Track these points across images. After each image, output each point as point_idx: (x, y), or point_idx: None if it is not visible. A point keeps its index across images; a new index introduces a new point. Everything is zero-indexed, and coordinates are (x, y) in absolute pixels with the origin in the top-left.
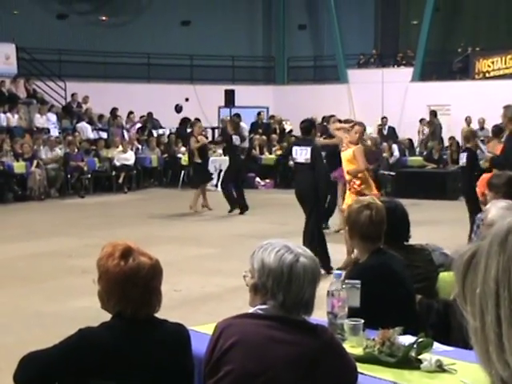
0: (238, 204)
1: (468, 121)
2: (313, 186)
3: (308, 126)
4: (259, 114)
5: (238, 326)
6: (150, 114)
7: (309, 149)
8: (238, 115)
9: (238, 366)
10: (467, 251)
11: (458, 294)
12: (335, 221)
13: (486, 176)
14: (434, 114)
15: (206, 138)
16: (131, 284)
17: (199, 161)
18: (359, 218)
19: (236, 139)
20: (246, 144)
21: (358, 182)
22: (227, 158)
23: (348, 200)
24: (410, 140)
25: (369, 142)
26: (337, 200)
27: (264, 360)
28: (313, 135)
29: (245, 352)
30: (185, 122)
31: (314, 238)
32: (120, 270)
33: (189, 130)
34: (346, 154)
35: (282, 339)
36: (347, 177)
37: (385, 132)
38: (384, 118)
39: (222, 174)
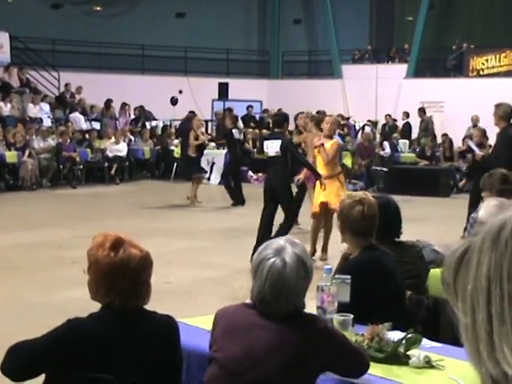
0: (235, 197)
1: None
2: (285, 180)
3: (279, 119)
4: (249, 107)
5: (230, 314)
6: (142, 107)
7: (279, 142)
8: (230, 109)
9: (225, 351)
10: (459, 247)
11: (450, 291)
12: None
13: None
14: (422, 110)
15: (207, 133)
16: (121, 275)
17: (193, 155)
18: (351, 213)
19: (236, 133)
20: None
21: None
22: (222, 151)
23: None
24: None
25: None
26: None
27: (248, 344)
28: (284, 129)
29: (231, 338)
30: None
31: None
32: (110, 260)
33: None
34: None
35: (265, 326)
36: (324, 172)
37: (387, 129)
38: (388, 116)
39: (223, 167)
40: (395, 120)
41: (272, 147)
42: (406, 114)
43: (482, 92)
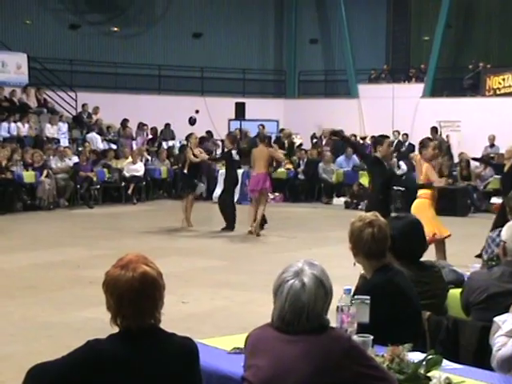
0: (227, 220)
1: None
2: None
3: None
4: (259, 126)
5: (256, 334)
6: (167, 125)
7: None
8: (240, 129)
9: (253, 368)
10: None
11: None
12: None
13: None
14: (434, 130)
15: (208, 152)
16: (127, 294)
17: (185, 171)
18: (362, 236)
19: (235, 154)
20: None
21: None
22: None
23: None
24: None
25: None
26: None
27: (274, 358)
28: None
29: (258, 355)
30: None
31: None
32: (117, 280)
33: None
34: None
35: (291, 341)
36: None
37: (403, 149)
38: (404, 135)
39: (220, 189)
40: (403, 135)
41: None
42: (435, 130)
43: (498, 111)
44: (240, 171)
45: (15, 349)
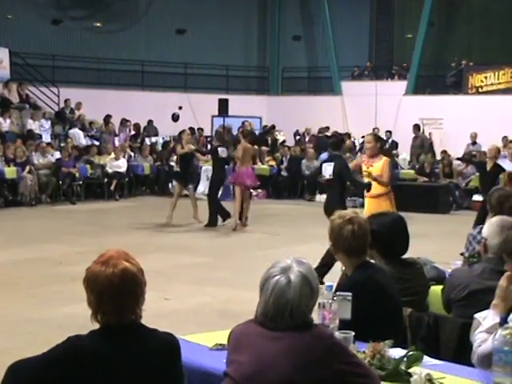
0: (210, 216)
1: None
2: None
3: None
4: (243, 123)
5: (239, 330)
6: (150, 122)
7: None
8: (223, 126)
9: (235, 364)
10: None
11: None
12: None
13: None
14: (417, 127)
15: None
16: (107, 290)
17: (177, 169)
18: (342, 232)
19: (222, 151)
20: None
21: None
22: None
23: None
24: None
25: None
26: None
27: (255, 354)
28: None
29: (240, 351)
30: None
31: None
32: (97, 276)
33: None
34: None
35: (274, 337)
36: None
37: (387, 146)
38: (388, 132)
39: (203, 186)
40: (387, 133)
41: (327, 170)
42: (417, 127)
43: (480, 109)
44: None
45: None
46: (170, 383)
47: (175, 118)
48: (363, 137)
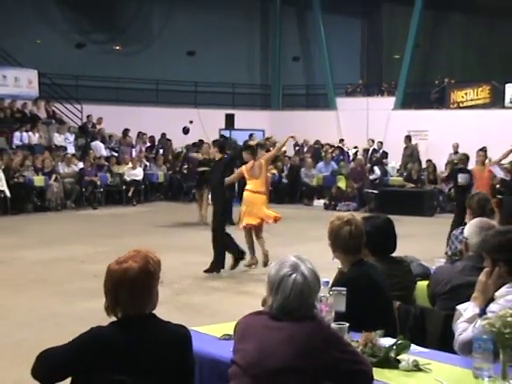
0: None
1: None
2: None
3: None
4: (251, 135)
5: (245, 320)
6: (163, 135)
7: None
8: (224, 137)
9: (241, 352)
10: None
11: None
12: None
13: None
14: (408, 138)
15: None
16: (120, 285)
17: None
18: (340, 233)
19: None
20: None
21: None
22: None
23: None
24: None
25: None
26: None
27: (259, 342)
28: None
29: (245, 340)
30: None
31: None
32: (112, 275)
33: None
34: None
35: (277, 327)
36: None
37: (377, 155)
38: (379, 143)
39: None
40: (378, 143)
41: None
42: (409, 138)
43: (461, 122)
44: None
45: (25, 336)
46: (182, 371)
47: (185, 131)
48: (356, 147)
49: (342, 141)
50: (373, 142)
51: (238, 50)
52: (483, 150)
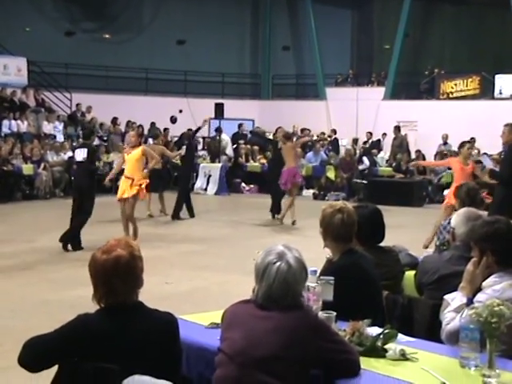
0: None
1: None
2: (90, 180)
3: (88, 132)
4: (240, 125)
5: (232, 309)
6: (152, 124)
7: (85, 150)
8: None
9: (228, 340)
10: None
11: None
12: None
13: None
14: (397, 128)
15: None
16: (110, 275)
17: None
18: (332, 220)
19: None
20: (231, 153)
21: None
22: (217, 164)
23: None
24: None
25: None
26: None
27: (247, 331)
28: (92, 140)
29: (232, 329)
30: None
31: None
32: (101, 263)
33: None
34: None
35: (264, 316)
36: None
37: (367, 146)
38: (369, 133)
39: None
40: (368, 134)
41: (80, 154)
42: (398, 128)
43: (451, 113)
44: (219, 165)
45: (15, 323)
46: (169, 357)
47: (173, 120)
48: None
49: (335, 132)
50: (371, 134)
51: (228, 39)
52: (470, 141)
